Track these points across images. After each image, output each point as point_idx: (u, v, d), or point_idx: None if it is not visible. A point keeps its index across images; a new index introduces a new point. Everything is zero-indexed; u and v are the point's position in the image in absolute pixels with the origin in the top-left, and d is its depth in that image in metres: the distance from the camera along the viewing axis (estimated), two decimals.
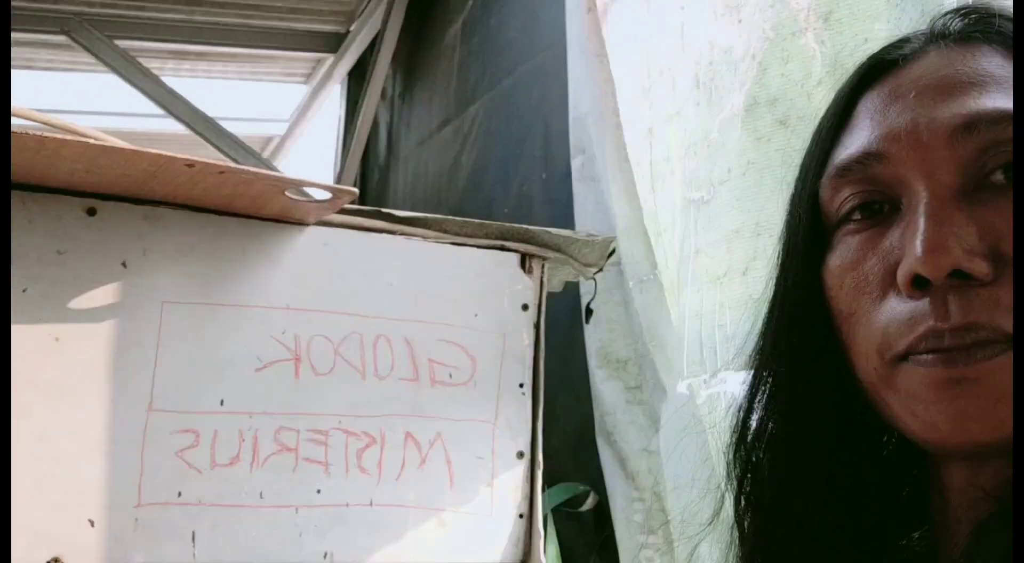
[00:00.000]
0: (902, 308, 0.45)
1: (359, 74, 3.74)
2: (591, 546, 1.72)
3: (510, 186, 2.27)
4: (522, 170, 2.21)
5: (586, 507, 1.73)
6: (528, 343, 1.16)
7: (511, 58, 2.38)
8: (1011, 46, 0.48)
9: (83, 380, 0.96)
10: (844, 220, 0.50)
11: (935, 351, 0.44)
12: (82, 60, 3.64)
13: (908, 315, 0.45)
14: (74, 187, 0.97)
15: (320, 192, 0.99)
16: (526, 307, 1.17)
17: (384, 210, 1.12)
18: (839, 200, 0.50)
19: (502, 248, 1.17)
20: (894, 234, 0.47)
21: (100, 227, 0.99)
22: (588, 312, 1.38)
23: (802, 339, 0.52)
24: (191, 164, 0.90)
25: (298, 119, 4.22)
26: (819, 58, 0.98)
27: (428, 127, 3.01)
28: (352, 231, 1.10)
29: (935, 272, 0.43)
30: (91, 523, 0.94)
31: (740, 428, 0.56)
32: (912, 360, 0.45)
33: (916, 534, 0.53)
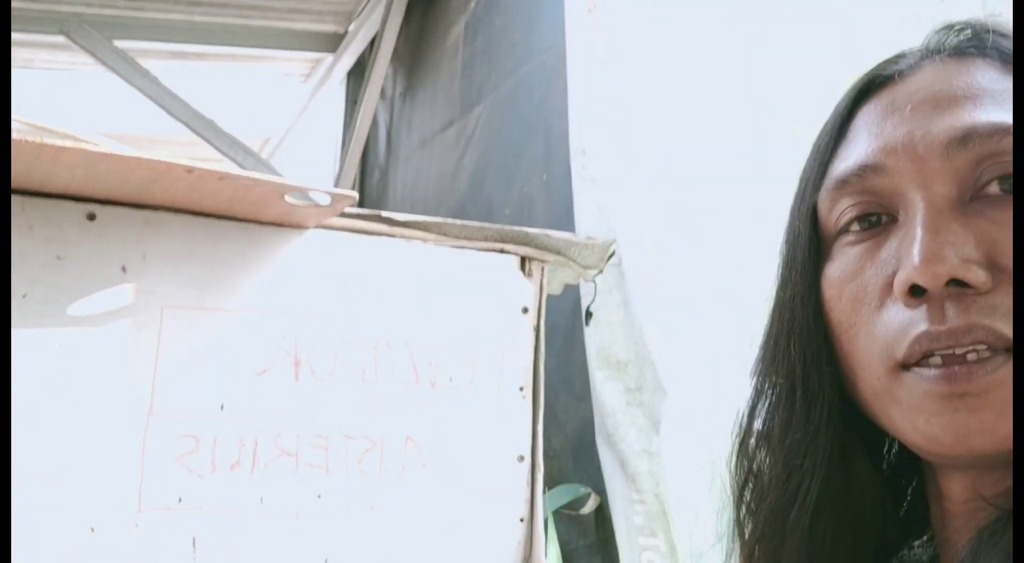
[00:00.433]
0: (900, 317, 0.45)
1: (358, 74, 3.74)
2: (592, 548, 1.72)
3: (511, 187, 2.27)
4: (523, 171, 2.20)
5: (587, 509, 1.73)
6: (528, 346, 1.16)
7: (514, 59, 2.38)
8: (1006, 60, 0.49)
9: (83, 385, 0.96)
10: (843, 232, 0.50)
11: (935, 358, 0.44)
12: (81, 61, 3.64)
13: (906, 323, 0.45)
14: (74, 192, 0.97)
15: (320, 196, 0.99)
16: (526, 310, 1.16)
17: (384, 214, 1.12)
18: (837, 212, 0.50)
19: (502, 251, 1.17)
20: (892, 245, 0.47)
21: (100, 232, 0.99)
22: (588, 314, 1.38)
23: (802, 350, 0.52)
24: (191, 170, 0.90)
25: (297, 119, 4.21)
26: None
27: (431, 128, 3.01)
28: (352, 235, 1.10)
29: (932, 281, 0.43)
30: (91, 529, 0.94)
31: (742, 436, 0.56)
32: (914, 372, 0.45)
33: (917, 543, 0.53)
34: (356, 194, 0.99)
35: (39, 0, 3.32)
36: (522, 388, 1.15)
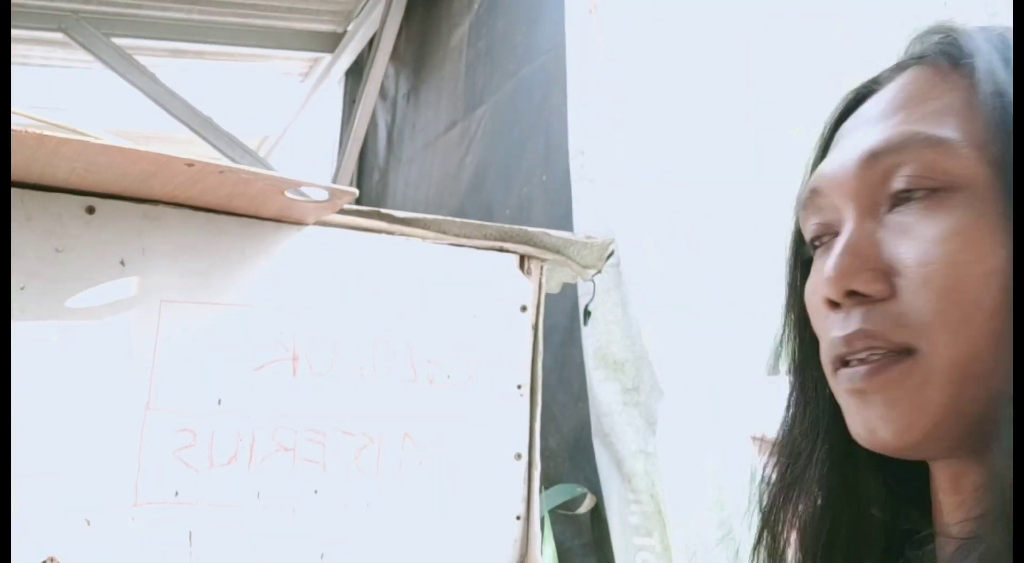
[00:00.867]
0: (827, 325, 0.51)
1: (356, 73, 3.74)
2: (587, 547, 1.72)
3: (511, 188, 2.27)
4: (523, 172, 2.21)
5: (583, 509, 1.73)
6: (526, 344, 1.16)
7: (515, 60, 2.38)
8: (954, 63, 0.49)
9: (80, 378, 0.95)
10: (814, 247, 0.54)
11: (850, 361, 0.49)
12: (78, 58, 3.63)
13: (829, 330, 0.50)
14: (73, 186, 0.97)
15: (319, 192, 0.99)
16: (524, 308, 1.16)
17: (383, 211, 1.12)
18: (807, 230, 0.54)
19: (501, 249, 1.17)
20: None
21: (99, 225, 0.98)
22: (587, 313, 1.38)
23: (803, 357, 0.58)
24: (191, 164, 0.90)
25: (295, 118, 4.21)
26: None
27: (435, 129, 3.00)
28: (351, 231, 1.10)
29: (835, 294, 0.48)
30: (87, 522, 0.94)
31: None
32: (839, 373, 0.50)
33: (923, 532, 0.54)
34: (356, 190, 0.99)
35: None
36: (520, 386, 1.15)
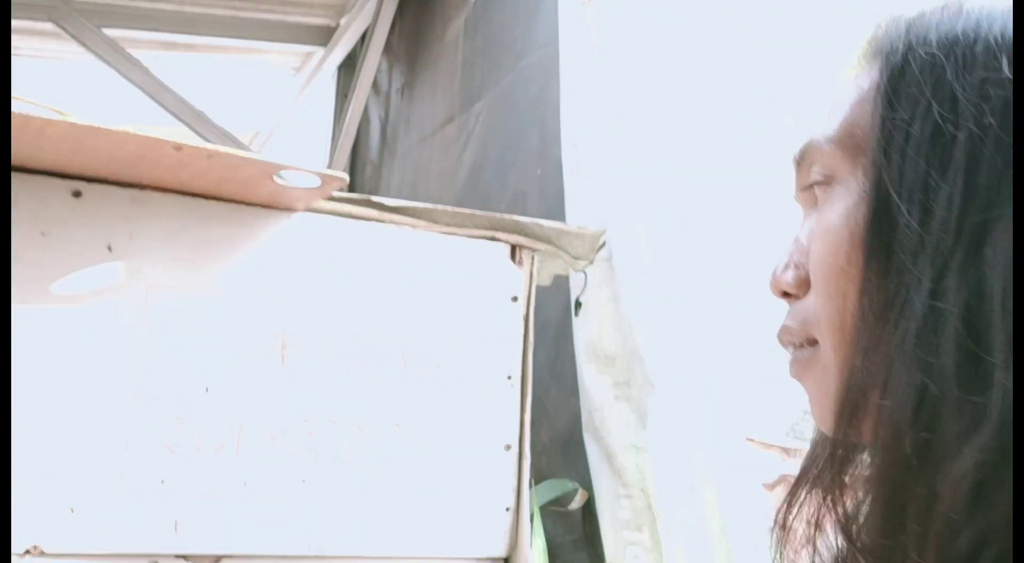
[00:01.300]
0: None
1: (349, 67, 3.73)
2: (577, 543, 1.71)
3: (506, 182, 2.26)
4: (518, 166, 2.20)
5: (574, 505, 1.72)
6: (517, 334, 1.15)
7: (513, 55, 2.37)
8: (876, 55, 0.48)
9: (65, 365, 0.94)
10: None
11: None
12: (69, 49, 3.61)
13: None
14: (60, 169, 0.95)
15: (308, 178, 0.98)
16: (515, 299, 1.16)
17: (373, 198, 1.11)
18: None
19: (492, 239, 1.16)
20: None
21: (85, 210, 0.97)
22: (577, 305, 1.37)
23: None
24: (179, 147, 0.88)
25: (287, 112, 4.19)
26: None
27: (431, 124, 2.99)
28: (341, 219, 1.09)
29: (773, 291, 0.52)
30: (72, 510, 0.93)
31: None
32: None
33: None
34: (346, 176, 0.98)
35: None
36: (510, 376, 1.14)
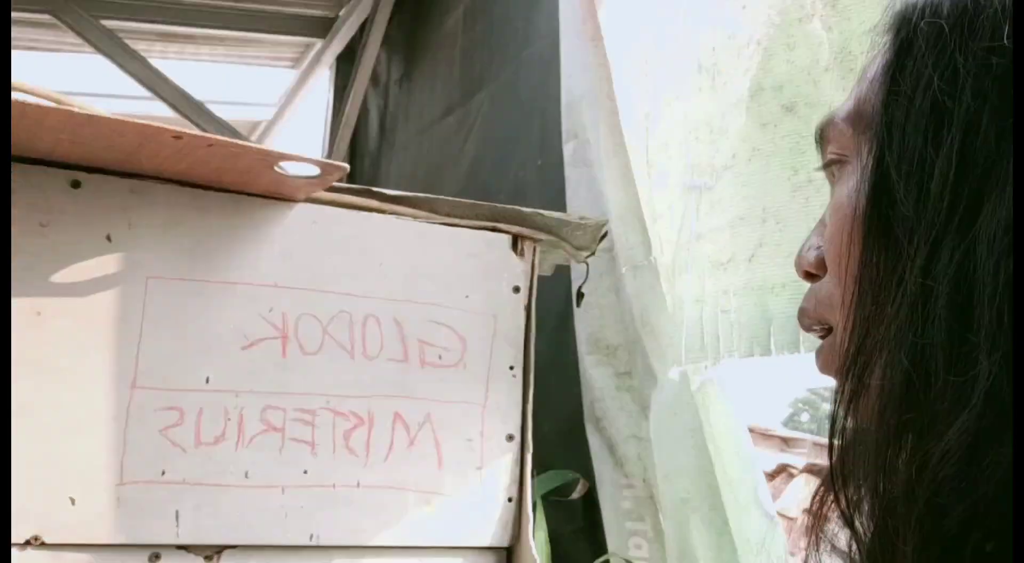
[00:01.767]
0: None
1: (348, 59, 3.71)
2: (578, 533, 1.71)
3: (507, 173, 2.26)
4: (519, 157, 2.19)
5: (576, 495, 1.72)
6: (519, 325, 1.15)
7: (514, 46, 2.36)
8: (890, 28, 0.46)
9: (65, 355, 0.94)
10: None
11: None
12: (67, 40, 3.60)
13: None
14: (58, 158, 0.95)
15: (309, 167, 0.97)
16: (517, 289, 1.15)
17: (374, 188, 1.11)
18: None
19: (494, 229, 1.15)
20: None
21: (84, 200, 0.96)
22: (579, 296, 1.37)
23: None
24: (179, 136, 0.88)
25: (286, 104, 4.18)
26: (826, 44, 0.97)
27: (430, 116, 2.98)
28: (342, 209, 1.09)
29: (799, 273, 0.52)
30: (72, 501, 0.92)
31: None
32: None
33: None
34: (347, 166, 0.98)
35: None
36: (512, 367, 1.14)
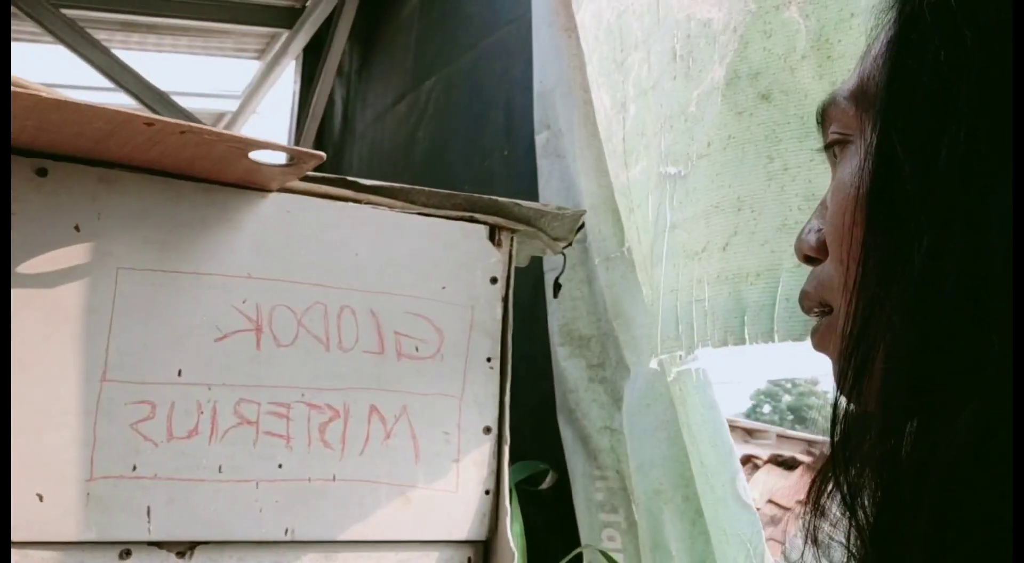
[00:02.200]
0: None
1: (315, 50, 3.67)
2: (550, 524, 1.71)
3: (471, 162, 2.25)
4: (484, 146, 2.18)
5: (545, 485, 1.72)
6: (496, 317, 1.14)
7: (472, 33, 2.35)
8: (890, 4, 0.45)
9: (33, 348, 0.91)
10: None
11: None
12: (26, 29, 3.52)
13: None
14: (23, 145, 0.92)
15: (284, 156, 0.96)
16: (495, 280, 1.14)
17: (349, 178, 1.09)
18: None
19: (471, 220, 1.14)
20: None
21: (51, 189, 0.94)
22: (557, 286, 1.36)
23: None
24: (151, 123, 0.86)
25: (251, 95, 4.13)
26: (804, 32, 0.97)
27: (384, 102, 2.97)
28: (317, 199, 1.07)
29: (798, 257, 0.52)
30: (39, 497, 0.90)
31: None
32: None
33: None
34: (322, 154, 0.96)
35: None
36: (490, 359, 1.13)
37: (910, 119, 0.39)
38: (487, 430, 1.12)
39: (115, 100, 3.74)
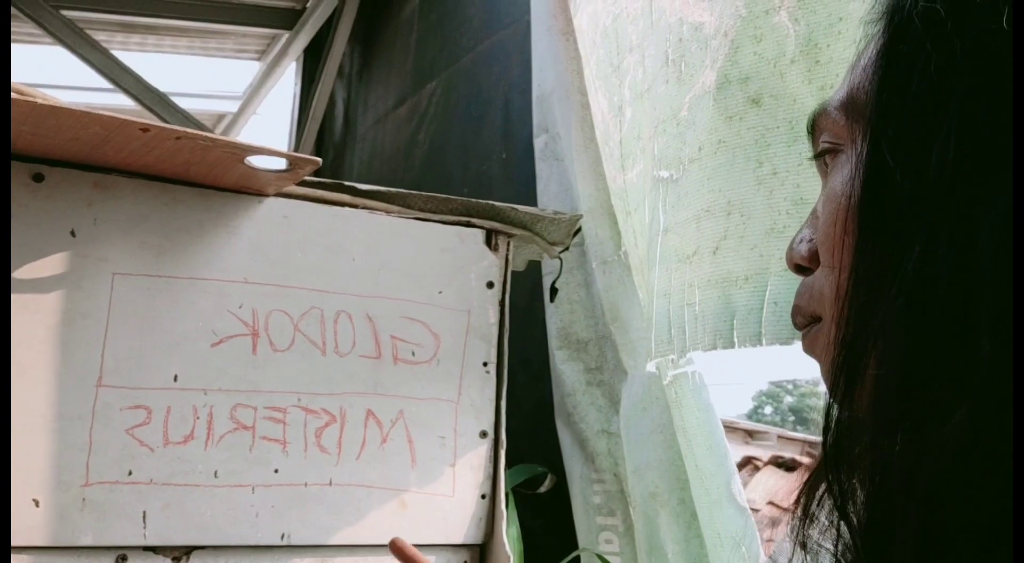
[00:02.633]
0: None
1: (315, 51, 3.68)
2: (547, 527, 1.71)
3: (469, 165, 2.25)
4: (481, 149, 2.18)
5: (543, 489, 1.72)
6: (493, 321, 1.14)
7: (470, 35, 2.35)
8: (881, 15, 0.45)
9: (29, 353, 0.91)
10: None
11: None
12: (27, 31, 3.52)
13: None
14: (19, 151, 0.92)
15: (280, 161, 0.96)
16: (491, 285, 1.14)
17: (346, 183, 1.09)
18: None
19: (468, 224, 1.14)
20: None
21: (47, 194, 0.94)
22: (553, 291, 1.36)
23: None
24: (146, 128, 0.86)
25: (251, 97, 4.13)
26: (793, 37, 0.97)
27: (385, 106, 2.97)
28: (313, 204, 1.07)
29: (790, 266, 0.52)
30: (35, 503, 0.90)
31: None
32: None
33: None
34: (318, 160, 0.96)
35: None
36: (486, 364, 1.13)
37: (900, 128, 0.39)
38: (483, 434, 1.12)
39: (115, 101, 3.75)
